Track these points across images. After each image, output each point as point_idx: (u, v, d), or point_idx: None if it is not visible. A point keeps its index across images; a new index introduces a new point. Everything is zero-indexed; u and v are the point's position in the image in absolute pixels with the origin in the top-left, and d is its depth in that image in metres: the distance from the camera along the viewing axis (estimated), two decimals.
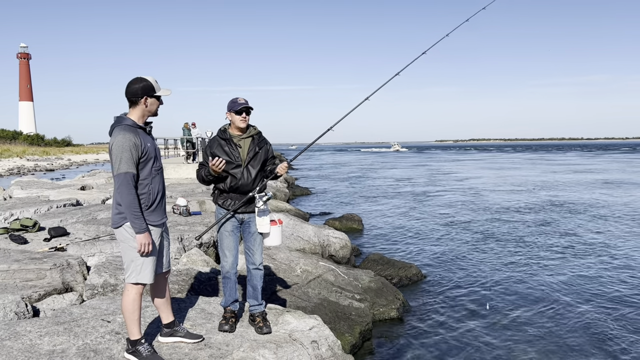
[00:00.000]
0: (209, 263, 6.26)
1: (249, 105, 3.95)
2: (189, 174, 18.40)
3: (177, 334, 3.74)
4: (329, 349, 4.02)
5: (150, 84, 3.37)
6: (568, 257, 9.61)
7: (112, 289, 5.04)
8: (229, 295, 4.09)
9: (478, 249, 10.44)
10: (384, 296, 6.69)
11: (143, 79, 3.36)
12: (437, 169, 42.66)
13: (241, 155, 4.01)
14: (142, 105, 3.36)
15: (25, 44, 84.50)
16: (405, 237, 11.81)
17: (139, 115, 3.38)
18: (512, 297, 7.22)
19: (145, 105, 3.37)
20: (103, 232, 7.22)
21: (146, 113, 3.41)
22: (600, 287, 7.66)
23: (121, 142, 3.21)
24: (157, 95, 3.41)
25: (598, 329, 6.02)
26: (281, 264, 6.57)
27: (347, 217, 13.35)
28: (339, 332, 5.17)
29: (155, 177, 3.42)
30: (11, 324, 3.93)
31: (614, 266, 8.87)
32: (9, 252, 5.93)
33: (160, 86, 3.46)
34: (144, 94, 3.35)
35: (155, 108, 3.44)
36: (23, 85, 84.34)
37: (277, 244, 4.17)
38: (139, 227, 3.26)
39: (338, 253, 8.51)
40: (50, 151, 62.14)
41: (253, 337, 3.89)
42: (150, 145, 3.39)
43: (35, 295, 4.70)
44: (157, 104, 3.44)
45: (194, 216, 9.07)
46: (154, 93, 3.38)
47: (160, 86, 3.45)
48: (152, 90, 3.37)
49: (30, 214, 9.14)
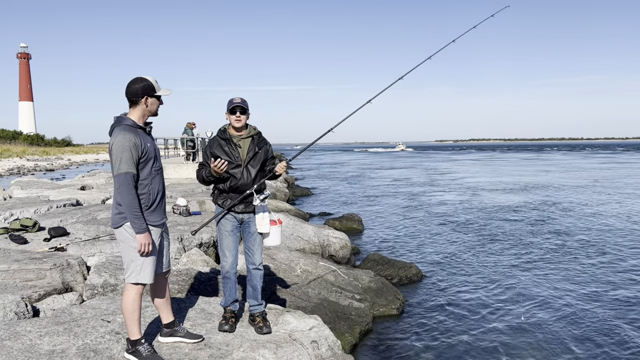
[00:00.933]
0: (209, 263, 6.26)
1: (243, 105, 3.94)
2: (189, 174, 18.39)
3: (177, 334, 3.74)
4: (329, 349, 4.02)
5: (150, 83, 3.37)
6: (568, 256, 9.61)
7: (112, 289, 5.04)
8: (228, 295, 4.09)
9: (478, 248, 10.44)
10: (384, 296, 6.69)
11: (143, 78, 3.36)
12: (435, 168, 42.66)
13: (241, 155, 4.02)
14: (142, 105, 3.37)
15: (25, 44, 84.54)
16: (405, 237, 11.81)
17: (139, 115, 3.38)
18: (513, 297, 7.22)
19: (146, 105, 3.37)
20: (103, 232, 7.22)
21: (146, 113, 3.41)
22: (601, 286, 7.66)
23: (121, 142, 3.21)
24: (158, 95, 3.42)
25: (598, 328, 6.02)
26: (281, 264, 6.57)
27: (347, 217, 13.34)
28: (339, 332, 5.17)
29: (155, 177, 3.42)
30: (11, 324, 3.93)
31: (614, 265, 8.87)
32: (9, 252, 5.93)
33: (161, 86, 3.46)
34: (144, 93, 3.35)
35: (155, 108, 3.45)
36: (23, 85, 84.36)
37: (277, 244, 4.18)
38: (139, 227, 3.26)
39: (338, 253, 8.51)
40: (50, 151, 62.14)
41: (253, 337, 3.89)
42: (150, 145, 3.39)
43: (35, 295, 4.70)
44: (158, 103, 3.45)
45: (194, 216, 9.08)
46: (154, 93, 3.38)
47: (160, 86, 3.46)
48: (152, 90, 3.37)
49: (30, 214, 9.14)
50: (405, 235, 12.04)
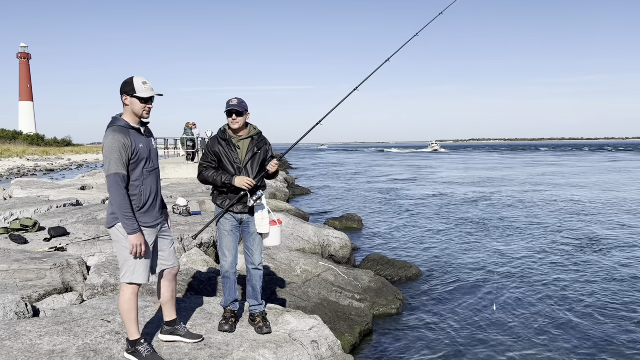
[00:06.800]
0: (209, 263, 6.27)
1: (238, 107, 3.90)
2: (189, 174, 18.38)
3: (177, 333, 3.74)
4: (329, 349, 4.02)
5: (130, 82, 3.27)
6: (569, 255, 9.60)
7: (112, 289, 5.04)
8: (228, 295, 4.10)
9: (479, 248, 10.44)
10: (384, 296, 6.69)
11: (130, 78, 3.29)
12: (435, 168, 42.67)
13: (240, 156, 4.02)
14: (124, 105, 3.31)
15: (25, 44, 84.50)
16: (405, 237, 11.81)
17: (129, 116, 3.32)
18: (513, 296, 7.22)
19: (127, 104, 3.30)
20: (103, 232, 7.22)
21: (132, 113, 3.32)
22: (601, 285, 7.66)
23: (110, 143, 3.18)
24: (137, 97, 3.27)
25: (599, 328, 6.02)
26: (281, 264, 6.57)
27: (347, 217, 13.35)
28: (339, 332, 5.17)
29: (147, 178, 3.37)
30: (11, 324, 3.93)
31: (613, 263, 8.87)
32: (9, 252, 5.93)
33: (154, 88, 3.35)
34: (123, 92, 3.29)
35: (138, 109, 3.30)
36: (23, 85, 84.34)
37: (277, 244, 4.18)
38: (130, 227, 3.23)
39: (338, 253, 8.51)
40: (50, 151, 62.12)
41: (253, 337, 3.89)
42: (142, 146, 3.32)
43: (35, 295, 4.70)
44: (140, 105, 3.29)
45: (194, 216, 9.08)
46: (133, 93, 3.26)
47: (151, 88, 3.32)
48: (131, 90, 3.26)
49: (30, 214, 9.14)
50: (406, 235, 12.04)
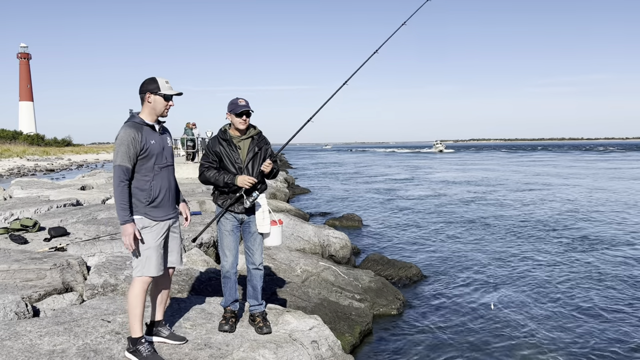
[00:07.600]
0: (209, 263, 6.27)
1: (250, 108, 3.95)
2: (189, 174, 18.38)
3: (160, 334, 3.74)
4: (329, 349, 4.02)
5: (155, 81, 3.46)
6: (569, 255, 9.60)
7: (112, 289, 5.04)
8: (229, 295, 4.10)
9: (479, 248, 10.44)
10: (384, 296, 6.69)
11: (152, 77, 3.47)
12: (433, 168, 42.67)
13: (241, 156, 4.02)
14: (146, 102, 3.47)
15: (25, 44, 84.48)
16: (405, 237, 11.81)
17: (147, 113, 3.48)
18: (514, 296, 7.21)
19: (149, 102, 3.45)
20: (103, 232, 7.22)
21: (152, 111, 3.48)
22: (601, 285, 7.65)
23: (121, 137, 3.35)
24: (162, 94, 3.46)
25: (599, 327, 6.02)
26: (281, 264, 6.57)
27: (347, 217, 13.35)
28: (339, 332, 5.17)
29: (159, 174, 3.49)
30: (11, 324, 3.93)
31: (613, 262, 8.86)
32: (9, 252, 5.93)
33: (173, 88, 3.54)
34: (147, 90, 3.45)
35: (160, 107, 3.49)
36: (23, 85, 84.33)
37: (277, 244, 4.18)
38: (122, 218, 3.33)
39: (338, 253, 8.51)
40: (50, 151, 62.13)
41: (253, 337, 3.89)
42: (155, 142, 3.46)
43: (35, 295, 4.70)
44: (164, 103, 3.49)
45: (194, 216, 9.07)
46: (158, 91, 3.44)
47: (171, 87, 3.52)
48: (156, 88, 3.45)
49: (30, 214, 9.14)
50: (406, 235, 12.04)
